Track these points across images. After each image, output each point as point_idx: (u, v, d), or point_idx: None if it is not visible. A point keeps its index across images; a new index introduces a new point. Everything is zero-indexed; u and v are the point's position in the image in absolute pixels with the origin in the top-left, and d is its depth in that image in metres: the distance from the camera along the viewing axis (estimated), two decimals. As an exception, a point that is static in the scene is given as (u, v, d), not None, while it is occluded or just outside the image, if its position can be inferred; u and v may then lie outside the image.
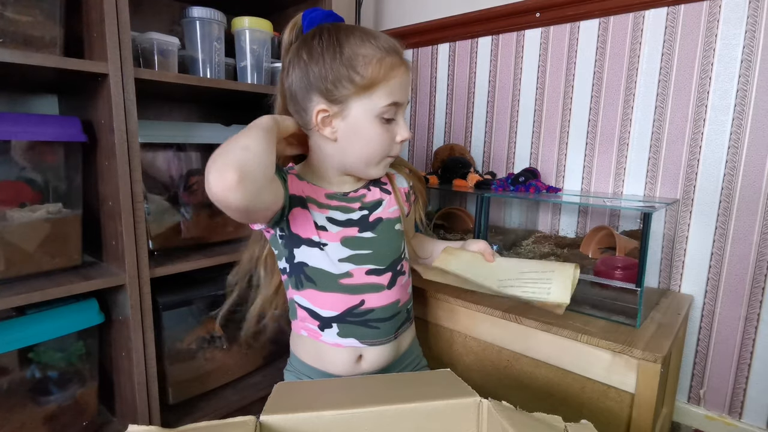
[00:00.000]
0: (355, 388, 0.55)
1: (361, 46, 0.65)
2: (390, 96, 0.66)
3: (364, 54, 0.65)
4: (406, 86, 0.69)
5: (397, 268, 0.76)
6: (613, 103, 1.28)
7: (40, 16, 0.76)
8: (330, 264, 0.72)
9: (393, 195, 0.79)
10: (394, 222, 0.77)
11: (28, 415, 0.83)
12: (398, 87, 0.67)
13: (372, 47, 0.65)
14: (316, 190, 0.73)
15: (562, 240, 1.32)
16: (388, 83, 0.65)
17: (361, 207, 0.75)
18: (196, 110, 1.27)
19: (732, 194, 1.12)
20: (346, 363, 0.74)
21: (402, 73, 0.67)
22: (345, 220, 0.73)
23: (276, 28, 1.13)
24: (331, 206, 0.73)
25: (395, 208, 0.78)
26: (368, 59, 0.64)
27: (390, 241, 0.76)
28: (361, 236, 0.73)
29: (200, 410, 1.04)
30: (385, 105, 0.66)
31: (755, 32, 1.06)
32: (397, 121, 0.69)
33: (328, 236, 0.72)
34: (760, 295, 1.11)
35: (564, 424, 0.47)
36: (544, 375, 0.95)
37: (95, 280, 0.82)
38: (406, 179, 0.84)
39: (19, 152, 0.79)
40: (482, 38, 1.51)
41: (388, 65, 0.65)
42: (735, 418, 1.18)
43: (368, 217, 0.75)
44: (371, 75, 0.64)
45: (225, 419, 0.45)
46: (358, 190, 0.76)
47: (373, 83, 0.65)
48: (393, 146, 0.70)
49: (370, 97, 0.65)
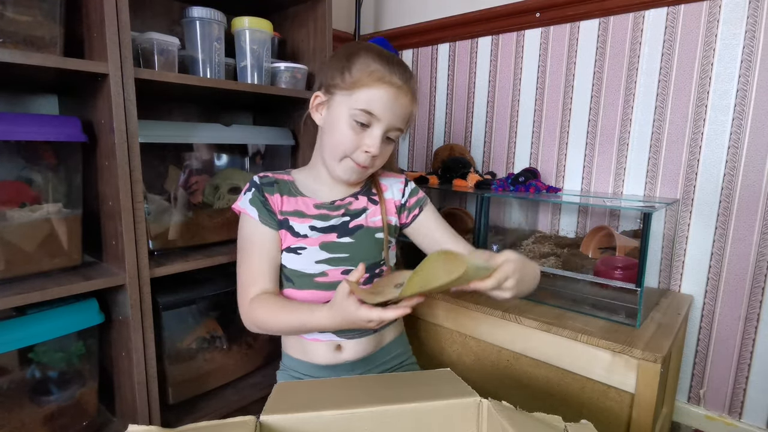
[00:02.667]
0: (355, 388, 0.55)
1: (366, 57, 0.72)
2: (367, 103, 0.70)
3: (363, 61, 0.71)
4: (391, 107, 0.71)
5: (375, 271, 0.81)
6: (613, 103, 1.28)
7: (40, 16, 0.76)
8: (307, 265, 0.77)
9: (379, 206, 0.82)
10: (375, 230, 0.81)
11: (28, 415, 0.83)
12: (379, 100, 0.70)
13: (374, 60, 0.71)
14: (307, 202, 0.79)
15: (562, 240, 1.32)
16: (369, 90, 0.70)
17: (344, 213, 0.80)
18: (196, 110, 1.27)
19: (732, 194, 1.12)
20: (327, 354, 0.79)
21: (388, 91, 0.70)
22: (326, 226, 0.78)
23: (276, 28, 1.13)
24: (316, 215, 0.78)
25: (379, 218, 0.82)
26: (364, 65, 0.71)
27: (368, 247, 0.80)
28: (339, 241, 0.78)
29: (200, 410, 1.04)
30: (358, 108, 0.70)
31: (755, 32, 1.06)
32: (370, 132, 0.72)
33: (308, 242, 0.77)
34: (760, 295, 1.11)
35: (564, 424, 0.47)
36: (544, 375, 0.95)
37: (95, 280, 0.82)
38: (404, 192, 0.85)
39: (19, 152, 0.79)
40: (482, 38, 1.51)
41: (377, 77, 0.70)
42: (735, 418, 1.18)
43: (348, 224, 0.80)
44: (358, 77, 0.70)
45: (225, 419, 0.45)
46: (345, 198, 0.81)
47: (357, 84, 0.71)
48: (358, 152, 0.73)
49: (350, 95, 0.71)
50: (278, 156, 1.23)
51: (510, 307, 1.01)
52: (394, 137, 0.75)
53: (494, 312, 1.00)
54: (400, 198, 0.85)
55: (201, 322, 1.06)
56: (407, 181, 0.88)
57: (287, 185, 0.80)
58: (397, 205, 0.85)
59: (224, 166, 1.12)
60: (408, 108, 0.74)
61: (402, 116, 0.73)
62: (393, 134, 0.74)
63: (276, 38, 1.19)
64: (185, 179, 1.02)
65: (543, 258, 1.16)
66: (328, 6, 1.14)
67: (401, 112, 0.73)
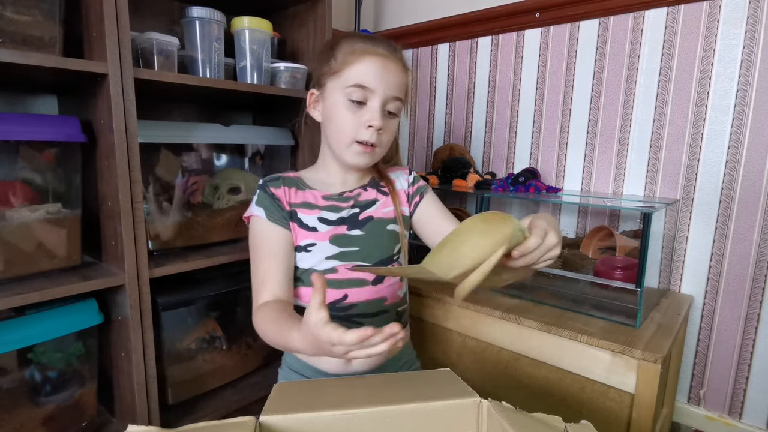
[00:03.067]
0: (355, 388, 0.54)
1: (347, 40, 0.73)
2: (357, 77, 0.70)
3: (345, 44, 0.73)
4: (382, 75, 0.71)
5: (388, 266, 0.78)
6: (613, 103, 1.28)
7: (40, 16, 0.75)
8: (316, 262, 0.75)
9: (390, 196, 0.81)
10: (386, 222, 0.80)
11: (27, 415, 0.83)
12: (367, 72, 0.70)
13: (355, 40, 0.73)
14: (315, 194, 0.78)
15: (562, 240, 1.31)
16: (355, 66, 0.71)
17: (354, 205, 0.78)
18: (195, 110, 1.27)
19: (732, 194, 1.12)
20: (336, 363, 0.75)
21: (375, 60, 0.71)
22: (336, 219, 0.77)
23: (276, 28, 1.13)
24: (325, 207, 0.77)
25: (391, 208, 0.81)
26: (347, 48, 0.72)
27: (378, 241, 0.78)
28: (350, 234, 0.77)
29: (200, 410, 1.04)
30: (350, 85, 0.71)
31: (755, 32, 1.06)
32: (369, 107, 0.72)
33: (318, 236, 0.75)
34: (760, 295, 1.11)
35: (564, 424, 0.46)
36: (544, 375, 0.95)
37: (95, 281, 0.81)
38: (409, 181, 0.85)
39: (18, 152, 0.79)
40: (482, 38, 1.51)
41: (360, 51, 0.71)
42: (735, 419, 1.18)
43: (358, 215, 0.78)
44: (343, 59, 0.72)
45: (224, 419, 0.45)
46: (354, 189, 0.80)
47: (344, 65, 0.71)
48: (361, 131, 0.72)
49: (340, 77, 0.72)
50: (278, 156, 1.23)
51: (510, 307, 1.01)
52: (394, 109, 0.74)
53: (494, 312, 1.00)
54: (407, 187, 0.85)
55: (200, 323, 1.06)
56: (411, 170, 0.87)
57: (293, 180, 0.79)
58: (408, 194, 0.84)
59: (224, 166, 1.12)
60: (401, 76, 0.73)
61: (396, 84, 0.72)
62: (392, 106, 0.73)
63: (276, 38, 1.19)
64: (185, 180, 1.02)
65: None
66: (328, 6, 1.14)
67: (394, 80, 0.72)
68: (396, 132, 0.78)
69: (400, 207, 0.82)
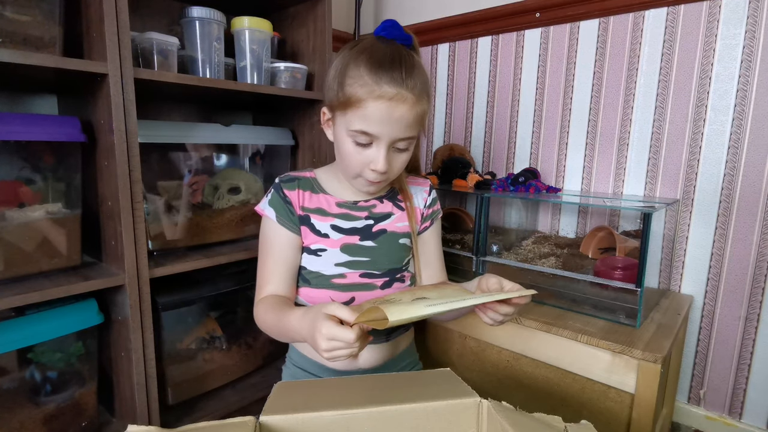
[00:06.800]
0: (355, 388, 0.54)
1: (356, 68, 0.65)
2: (361, 123, 0.65)
3: (353, 75, 0.65)
4: (387, 121, 0.64)
5: (396, 276, 0.78)
6: (613, 103, 1.28)
7: (40, 16, 0.75)
8: (326, 267, 0.75)
9: (406, 212, 0.80)
10: (399, 236, 0.79)
11: (27, 415, 0.83)
12: (372, 118, 0.64)
13: (361, 71, 0.64)
14: (329, 200, 0.77)
15: (562, 240, 1.32)
16: (360, 110, 0.64)
17: (368, 216, 0.78)
18: (195, 110, 1.27)
19: (732, 194, 1.12)
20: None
21: (379, 107, 0.63)
22: (349, 228, 0.76)
23: (276, 28, 1.13)
24: (338, 214, 0.76)
25: (405, 224, 0.80)
26: (353, 80, 0.65)
27: (390, 252, 0.78)
28: (361, 244, 0.76)
29: (200, 410, 1.04)
30: (354, 129, 0.66)
31: (755, 32, 1.06)
32: (373, 151, 0.67)
33: (329, 243, 0.75)
34: (760, 296, 1.11)
35: (564, 424, 0.46)
36: (544, 375, 0.95)
37: (94, 281, 0.81)
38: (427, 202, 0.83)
39: (18, 152, 0.79)
40: (482, 38, 1.51)
41: (366, 92, 0.63)
42: (735, 419, 1.18)
43: (372, 227, 0.77)
44: (349, 94, 0.65)
45: (224, 419, 0.45)
46: (370, 200, 0.79)
47: (348, 104, 0.65)
48: (366, 170, 0.69)
49: (345, 115, 0.67)
50: (278, 156, 1.23)
51: (510, 308, 1.01)
52: (404, 147, 0.69)
53: (494, 312, 1.00)
54: (423, 207, 0.83)
55: (200, 323, 1.06)
56: (431, 188, 0.85)
57: (309, 182, 0.78)
58: (422, 214, 0.82)
59: (224, 166, 1.12)
60: (409, 115, 0.65)
61: (404, 125, 0.66)
62: (401, 144, 0.68)
63: (276, 38, 1.19)
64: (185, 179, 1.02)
65: (543, 258, 1.16)
66: (328, 6, 1.14)
67: (403, 122, 0.65)
68: (411, 153, 0.73)
69: (416, 225, 0.81)
